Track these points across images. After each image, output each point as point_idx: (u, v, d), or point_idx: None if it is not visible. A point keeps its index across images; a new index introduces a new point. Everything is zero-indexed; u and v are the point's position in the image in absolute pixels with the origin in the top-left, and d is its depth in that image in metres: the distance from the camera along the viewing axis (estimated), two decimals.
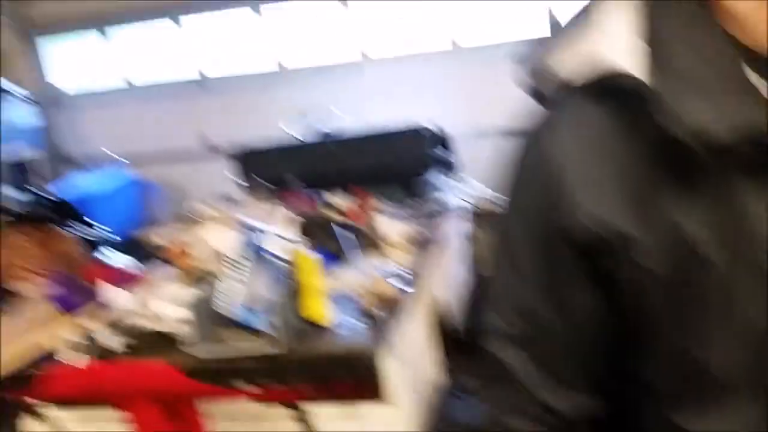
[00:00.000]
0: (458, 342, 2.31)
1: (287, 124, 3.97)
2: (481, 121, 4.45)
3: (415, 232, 2.42)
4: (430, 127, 3.59)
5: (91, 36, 5.26)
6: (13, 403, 2.02)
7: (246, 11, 4.86)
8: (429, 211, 2.86)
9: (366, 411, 1.72)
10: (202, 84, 5.21)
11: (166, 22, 5.05)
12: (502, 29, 4.50)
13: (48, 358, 1.69)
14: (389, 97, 4.70)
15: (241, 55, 5.12)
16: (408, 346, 1.84)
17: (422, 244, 2.39)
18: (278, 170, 3.39)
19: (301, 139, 3.79)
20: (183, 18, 5.00)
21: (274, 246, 1.54)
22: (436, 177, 3.29)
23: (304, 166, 3.39)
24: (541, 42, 0.57)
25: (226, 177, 3.80)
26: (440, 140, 3.61)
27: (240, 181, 3.58)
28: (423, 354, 2.11)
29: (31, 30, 5.26)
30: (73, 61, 5.51)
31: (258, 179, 3.19)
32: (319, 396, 1.69)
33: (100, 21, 5.14)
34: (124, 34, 5.22)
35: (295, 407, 1.66)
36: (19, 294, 2.13)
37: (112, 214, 4.32)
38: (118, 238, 4.13)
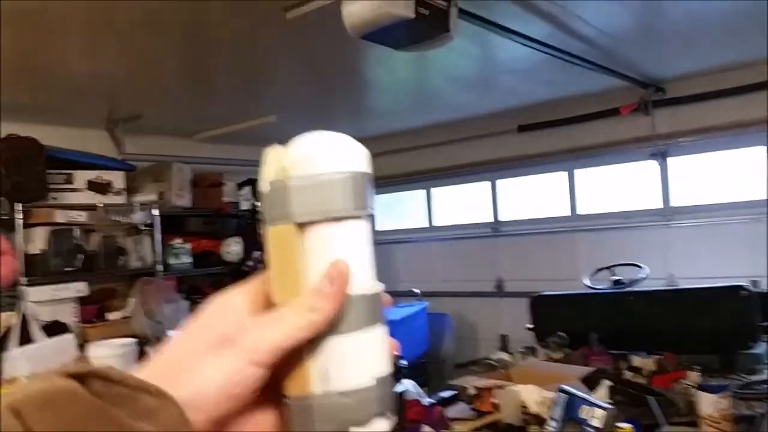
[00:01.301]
0: None
1: (585, 274, 3.93)
2: None
3: (737, 411, 2.14)
4: (751, 286, 3.21)
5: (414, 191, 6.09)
6: None
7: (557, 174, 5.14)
8: (752, 387, 2.50)
9: None
10: (498, 225, 5.52)
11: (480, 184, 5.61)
12: None
13: None
14: (698, 251, 4.39)
15: (541, 204, 5.36)
16: None
17: (745, 426, 2.09)
18: (574, 321, 3.33)
19: (602, 290, 3.68)
20: (498, 181, 5.50)
21: (587, 413, 1.52)
22: (761, 346, 2.89)
23: (603, 321, 3.27)
24: None
25: (514, 318, 3.87)
26: (765, 301, 3.19)
27: (533, 328, 3.60)
28: None
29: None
30: (395, 210, 6.38)
31: (554, 331, 3.18)
32: None
33: (422, 182, 5.93)
34: (440, 190, 5.95)
35: None
36: None
37: (403, 340, 4.67)
38: (406, 363, 4.42)
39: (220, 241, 4.90)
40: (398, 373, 3.22)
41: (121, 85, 3.62)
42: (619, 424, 1.53)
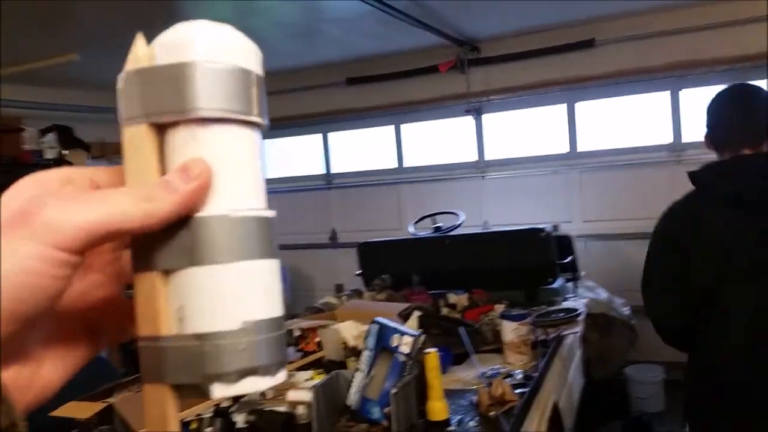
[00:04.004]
0: None
1: (409, 222, 4.12)
2: (597, 224, 4.40)
3: (534, 336, 2.39)
4: (551, 229, 3.58)
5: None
6: None
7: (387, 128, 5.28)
8: (549, 315, 2.82)
9: None
10: (330, 178, 5.57)
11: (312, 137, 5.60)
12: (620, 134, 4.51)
13: (183, 431, 1.81)
14: (508, 201, 4.79)
15: (370, 157, 5.49)
16: None
17: (541, 348, 2.35)
18: (398, 265, 3.49)
19: (423, 235, 3.89)
20: (329, 134, 5.52)
21: (397, 340, 1.60)
22: (557, 281, 3.24)
23: (424, 263, 3.46)
24: None
25: (349, 267, 3.96)
26: (563, 242, 3.58)
27: (361, 274, 3.72)
28: None
29: None
30: None
31: (379, 273, 3.31)
32: None
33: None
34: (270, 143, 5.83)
35: None
36: None
37: None
38: None
39: None
40: None
41: None
42: (427, 350, 1.63)
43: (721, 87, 1.81)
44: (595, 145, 4.63)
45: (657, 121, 4.41)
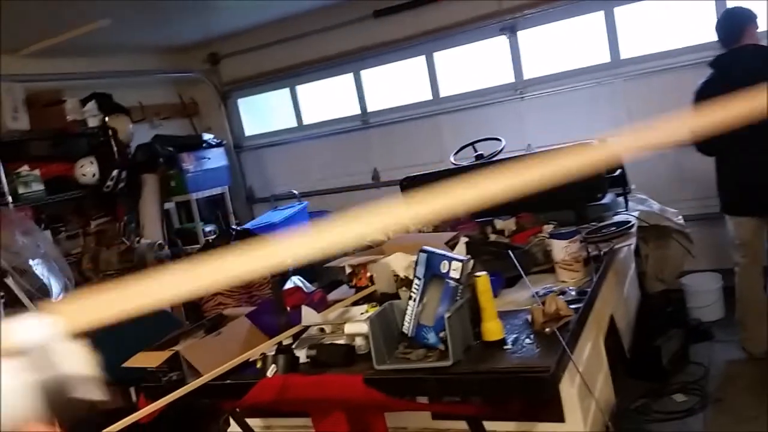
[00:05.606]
0: (633, 361, 2.22)
1: (451, 152, 4.08)
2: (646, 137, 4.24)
3: (586, 253, 2.38)
4: (598, 143, 3.49)
5: (277, 90, 5.90)
6: (218, 409, 2.29)
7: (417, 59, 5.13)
8: (599, 230, 2.78)
9: (543, 430, 1.72)
10: (367, 117, 5.52)
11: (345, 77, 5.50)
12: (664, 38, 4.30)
13: (249, 369, 1.90)
14: (551, 120, 4.66)
15: (405, 91, 5.40)
16: (582, 365, 1.82)
17: (593, 264, 2.34)
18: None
19: (464, 164, 3.85)
20: (362, 72, 5.41)
21: (446, 266, 1.62)
22: (608, 197, 3.18)
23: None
24: None
25: (393, 205, 3.97)
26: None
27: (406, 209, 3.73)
28: (597, 373, 2.06)
29: (226, 88, 6.00)
30: (260, 111, 6.19)
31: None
32: (493, 413, 1.72)
33: (283, 78, 5.72)
34: (304, 86, 5.80)
35: (469, 422, 1.71)
36: (224, 318, 2.39)
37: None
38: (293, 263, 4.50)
39: (71, 163, 4.54)
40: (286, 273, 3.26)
41: None
42: (476, 273, 1.65)
43: None
44: (637, 51, 4.42)
45: (702, 20, 4.16)
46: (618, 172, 3.35)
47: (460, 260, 1.61)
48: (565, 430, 1.67)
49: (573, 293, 2.08)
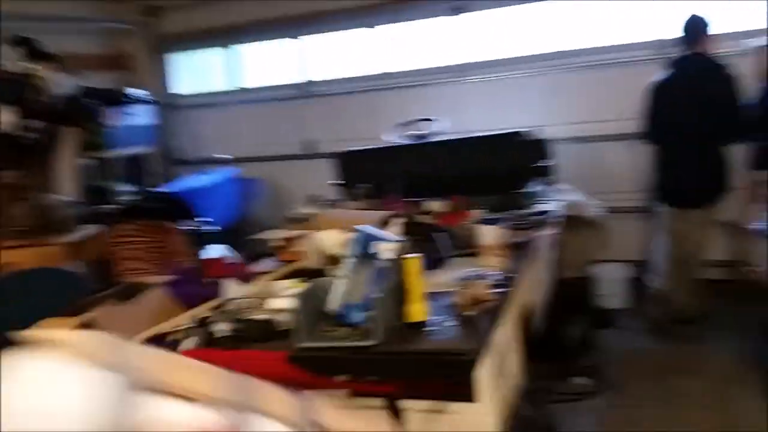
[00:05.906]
0: (539, 344, 2.32)
1: (387, 130, 4.08)
2: (575, 127, 4.40)
3: (509, 238, 2.45)
4: (529, 133, 3.57)
5: (214, 49, 5.69)
6: None
7: (360, 31, 5.07)
8: (524, 218, 2.87)
9: (455, 409, 1.77)
10: (306, 86, 5.43)
11: (284, 41, 5.37)
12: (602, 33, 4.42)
13: (163, 343, 1.85)
14: (490, 105, 4.73)
15: (347, 64, 5.33)
16: (498, 348, 1.88)
17: (515, 250, 2.41)
18: (376, 173, 3.49)
19: (401, 143, 3.86)
20: (301, 36, 5.29)
21: (378, 246, 1.63)
22: (533, 184, 3.28)
23: (402, 171, 3.46)
24: None
25: (325, 178, 3.93)
26: (539, 146, 3.58)
27: (339, 183, 3.71)
28: (509, 355, 2.14)
29: (161, 43, 5.74)
30: (194, 70, 5.96)
31: (357, 182, 3.31)
32: (411, 392, 1.76)
33: (222, 37, 5.52)
34: (244, 48, 5.61)
35: (386, 401, 1.74)
36: (138, 286, 2.30)
37: (214, 206, 4.59)
38: (219, 229, 4.40)
39: None
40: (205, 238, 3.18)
41: None
42: (408, 255, 1.67)
43: None
44: (582, 44, 4.53)
45: (642, 17, 4.30)
46: (545, 161, 3.46)
47: (395, 241, 1.62)
48: (475, 410, 1.73)
49: (495, 278, 2.14)
